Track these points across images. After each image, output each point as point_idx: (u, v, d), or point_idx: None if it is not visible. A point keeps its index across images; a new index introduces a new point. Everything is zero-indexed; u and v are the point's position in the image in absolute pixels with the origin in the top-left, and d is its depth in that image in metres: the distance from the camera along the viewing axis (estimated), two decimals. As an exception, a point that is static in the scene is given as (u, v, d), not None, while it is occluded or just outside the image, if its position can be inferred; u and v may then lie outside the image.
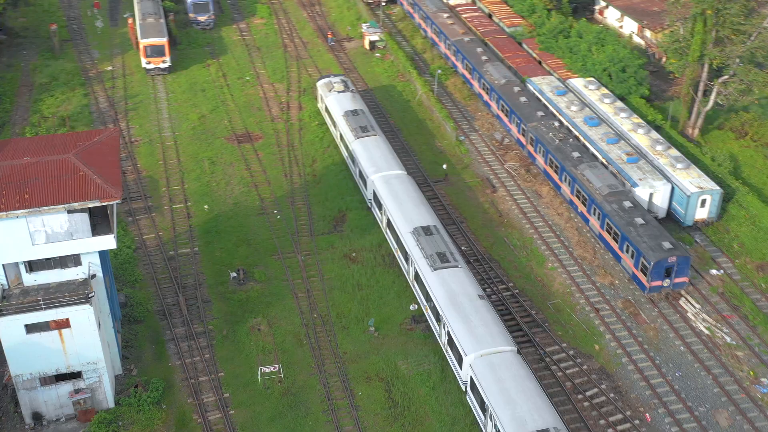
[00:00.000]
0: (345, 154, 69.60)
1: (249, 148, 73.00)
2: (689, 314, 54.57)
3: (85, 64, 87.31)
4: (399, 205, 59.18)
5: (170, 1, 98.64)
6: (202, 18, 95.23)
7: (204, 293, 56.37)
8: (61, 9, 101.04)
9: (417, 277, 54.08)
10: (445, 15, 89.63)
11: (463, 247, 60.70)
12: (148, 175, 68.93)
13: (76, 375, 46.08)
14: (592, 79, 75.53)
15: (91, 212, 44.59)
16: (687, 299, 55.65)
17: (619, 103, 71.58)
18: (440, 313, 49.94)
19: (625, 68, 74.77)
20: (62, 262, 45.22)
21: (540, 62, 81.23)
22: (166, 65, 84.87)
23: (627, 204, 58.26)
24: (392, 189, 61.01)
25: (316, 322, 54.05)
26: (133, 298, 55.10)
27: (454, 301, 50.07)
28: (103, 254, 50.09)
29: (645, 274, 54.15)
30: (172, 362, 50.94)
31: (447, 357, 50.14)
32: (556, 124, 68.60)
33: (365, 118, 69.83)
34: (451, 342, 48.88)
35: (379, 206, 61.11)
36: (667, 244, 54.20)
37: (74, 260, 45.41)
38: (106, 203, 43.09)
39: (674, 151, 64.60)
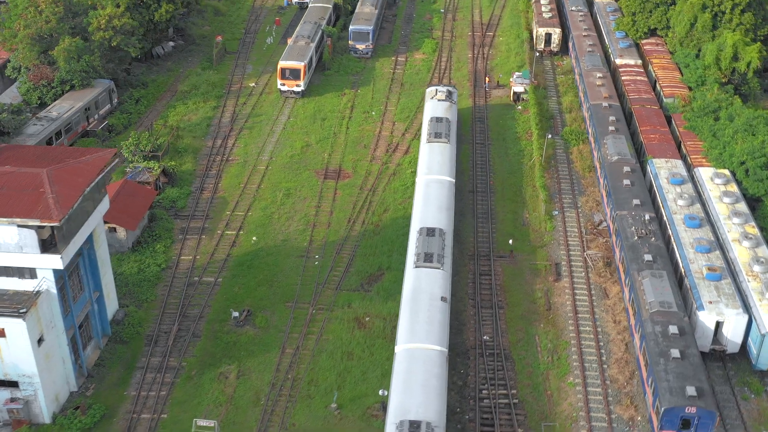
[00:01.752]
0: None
1: (331, 185, 70.89)
2: (707, 482, 44.09)
3: (234, 77, 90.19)
4: (425, 206, 60.79)
5: (334, 27, 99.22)
6: (361, 46, 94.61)
7: (199, 327, 55.16)
8: (246, 22, 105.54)
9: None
10: (599, 74, 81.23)
11: (485, 337, 54.10)
12: (222, 196, 69.23)
13: (13, 384, 46.76)
14: (725, 171, 64.37)
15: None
16: (714, 462, 45.05)
17: (741, 206, 60.17)
18: (400, 306, 51.76)
19: (768, 165, 62.85)
20: (19, 271, 46.06)
21: (680, 142, 70.76)
22: (299, 89, 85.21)
23: (673, 329, 48.37)
24: (429, 191, 62.59)
25: (286, 383, 50.66)
26: (131, 318, 55.22)
27: (416, 298, 51.46)
28: (93, 268, 50.66)
29: (657, 421, 44.54)
30: (128, 391, 50.20)
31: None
32: (647, 217, 59.08)
33: (445, 126, 71.14)
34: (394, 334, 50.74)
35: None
36: (690, 390, 44.15)
37: (30, 272, 46.07)
38: (44, 224, 43.16)
39: (776, 276, 52.92)
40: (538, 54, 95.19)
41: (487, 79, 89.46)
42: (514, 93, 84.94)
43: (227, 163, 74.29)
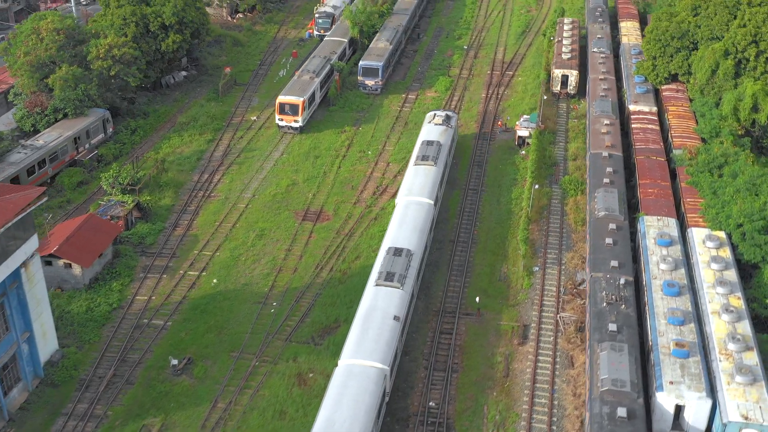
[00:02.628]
0: None
1: (308, 227, 68.30)
2: None
3: (237, 110, 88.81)
4: (398, 226, 60.85)
5: (348, 61, 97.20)
6: (370, 82, 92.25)
7: (135, 374, 52.96)
8: (263, 53, 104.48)
9: None
10: (606, 121, 76.86)
11: (431, 403, 50.43)
12: (194, 234, 67.37)
13: None
14: (721, 234, 59.44)
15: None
16: None
17: (730, 274, 55.18)
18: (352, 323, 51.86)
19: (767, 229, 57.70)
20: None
21: (680, 198, 65.93)
22: (297, 125, 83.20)
23: (621, 411, 43.95)
24: (406, 212, 62.66)
25: (208, 442, 47.97)
26: (68, 360, 53.41)
27: (369, 316, 51.53)
28: (23, 307, 49.18)
29: None
30: (45, 440, 48.25)
31: None
32: (622, 281, 54.65)
33: (434, 149, 70.92)
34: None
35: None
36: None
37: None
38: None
39: (752, 357, 47.86)
40: (554, 96, 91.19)
41: (499, 123, 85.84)
42: (519, 137, 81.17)
43: (208, 199, 72.50)
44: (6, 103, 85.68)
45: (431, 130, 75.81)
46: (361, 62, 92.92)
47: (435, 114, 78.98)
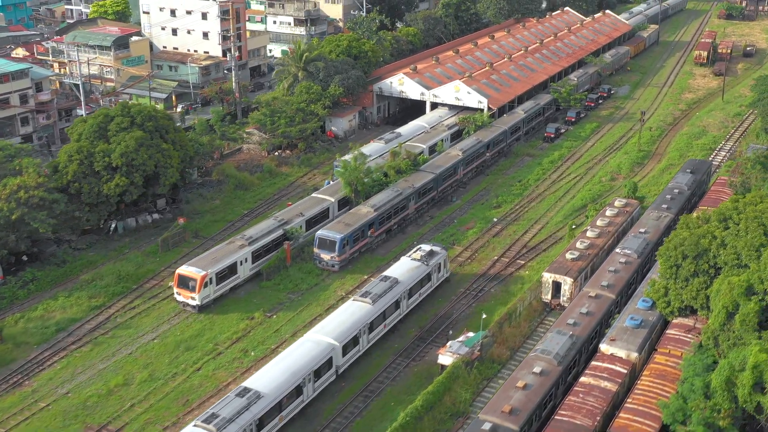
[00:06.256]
0: None
1: (79, 455, 52.93)
2: None
3: (165, 271, 76.05)
4: (273, 364, 56.86)
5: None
6: (326, 257, 75.61)
7: None
8: (262, 202, 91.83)
9: None
10: (537, 369, 54.10)
11: None
12: (-49, 438, 54.61)
13: None
14: None
15: None
16: None
17: None
18: None
19: None
20: None
21: None
22: (194, 302, 68.74)
23: None
24: (292, 351, 57.95)
25: None
26: None
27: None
28: None
29: None
30: None
31: None
32: None
33: (385, 286, 65.19)
34: None
35: None
36: None
37: None
38: None
39: None
40: (546, 308, 68.83)
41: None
42: (440, 366, 60.27)
43: (18, 387, 59.71)
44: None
45: (402, 264, 69.63)
46: (319, 231, 76.71)
47: (419, 247, 72.01)
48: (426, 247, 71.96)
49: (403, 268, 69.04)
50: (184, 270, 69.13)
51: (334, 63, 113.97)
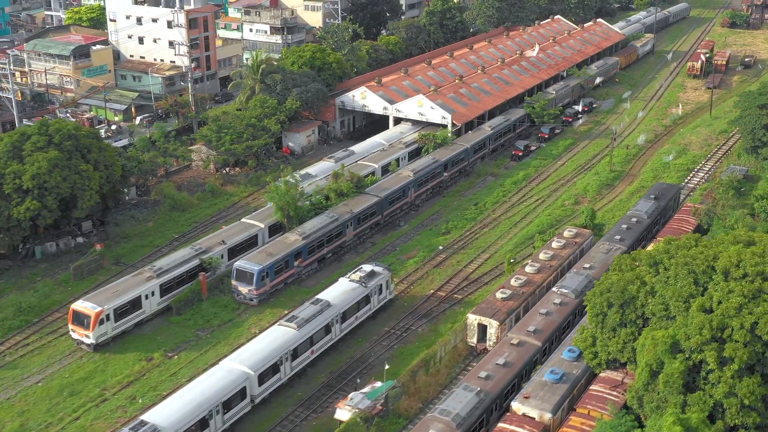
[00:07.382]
0: None
1: None
2: None
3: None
4: (180, 396, 52.90)
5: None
6: (243, 290, 69.89)
7: None
8: (197, 225, 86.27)
9: None
10: None
11: None
12: None
13: None
14: None
15: None
16: None
17: None
18: None
19: None
20: None
21: None
22: (89, 341, 63.34)
23: None
24: (202, 381, 54.11)
25: None
26: None
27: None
28: None
29: None
30: None
31: None
32: None
33: (314, 310, 61.05)
34: None
35: None
36: None
37: None
38: None
39: None
40: (472, 351, 62.66)
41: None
42: (338, 421, 54.23)
43: None
44: None
45: (338, 287, 65.91)
46: (237, 263, 70.99)
47: (360, 268, 68.16)
48: (367, 268, 67.89)
49: (339, 290, 65.15)
50: (79, 306, 63.76)
51: (293, 75, 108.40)
